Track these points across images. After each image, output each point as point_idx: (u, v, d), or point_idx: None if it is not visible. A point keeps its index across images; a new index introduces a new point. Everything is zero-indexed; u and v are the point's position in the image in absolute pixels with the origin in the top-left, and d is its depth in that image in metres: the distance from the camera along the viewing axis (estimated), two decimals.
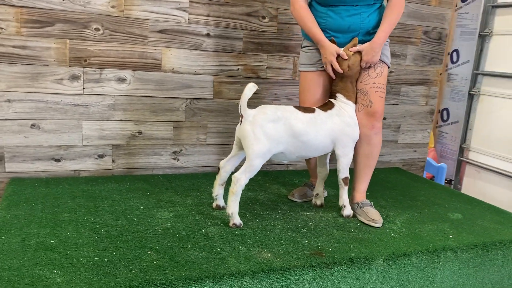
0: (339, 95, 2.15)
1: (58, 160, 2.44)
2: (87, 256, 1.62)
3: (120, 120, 2.52)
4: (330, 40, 2.13)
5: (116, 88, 2.47)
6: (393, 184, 2.86)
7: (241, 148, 2.09)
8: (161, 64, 2.54)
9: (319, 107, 2.12)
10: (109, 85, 2.46)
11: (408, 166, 3.35)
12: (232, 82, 2.70)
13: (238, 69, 2.70)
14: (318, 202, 2.32)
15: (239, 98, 2.58)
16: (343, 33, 2.14)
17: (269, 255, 1.74)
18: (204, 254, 1.71)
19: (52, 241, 1.71)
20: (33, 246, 1.66)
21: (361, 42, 2.14)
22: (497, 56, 3.58)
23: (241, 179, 1.94)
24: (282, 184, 2.63)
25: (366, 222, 2.13)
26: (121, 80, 2.48)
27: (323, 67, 2.19)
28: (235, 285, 1.56)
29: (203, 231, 1.92)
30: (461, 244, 2.00)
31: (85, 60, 2.39)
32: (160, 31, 2.49)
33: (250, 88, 1.94)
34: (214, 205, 2.18)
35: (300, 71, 2.28)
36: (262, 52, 2.73)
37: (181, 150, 2.69)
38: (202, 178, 2.61)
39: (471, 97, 3.75)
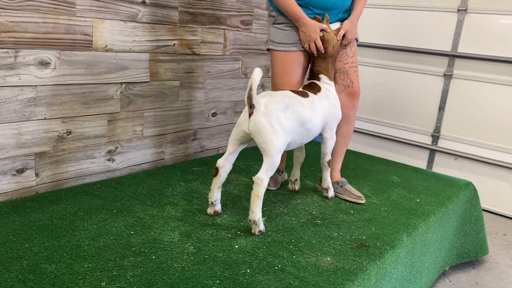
0: (322, 76, 2.05)
1: None
2: None
3: (44, 118, 1.84)
4: (313, 18, 1.99)
5: (37, 75, 1.78)
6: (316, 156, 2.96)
7: (242, 143, 1.81)
8: (92, 41, 1.93)
9: (309, 90, 1.99)
10: (28, 72, 1.75)
11: None
12: (168, 61, 2.26)
13: (174, 44, 2.27)
14: (297, 187, 2.22)
15: (176, 79, 2.22)
16: (327, 10, 2.01)
17: (328, 258, 1.61)
18: (269, 275, 1.45)
19: None
20: None
21: (340, 20, 2.07)
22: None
23: (265, 180, 1.70)
24: (245, 174, 2.40)
25: (353, 200, 2.16)
26: (44, 64, 1.79)
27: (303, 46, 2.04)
28: None
29: (236, 247, 1.62)
30: (430, 206, 2.24)
31: None
32: None
33: (258, 74, 1.68)
34: (211, 211, 1.85)
35: (276, 50, 2.06)
36: (197, 24, 2.35)
37: (117, 148, 2.16)
38: (145, 178, 2.16)
39: None
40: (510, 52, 3.15)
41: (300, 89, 2.00)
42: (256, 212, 1.70)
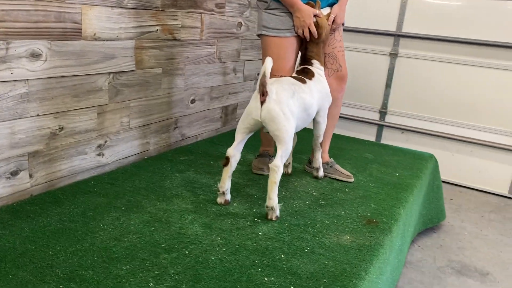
0: (314, 61, 2.09)
1: None
2: None
3: (37, 115, 1.69)
4: (307, 4, 2.01)
5: (29, 68, 1.62)
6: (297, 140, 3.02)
7: (251, 131, 1.81)
8: (81, 29, 1.79)
9: (304, 76, 2.02)
10: (20, 65, 1.59)
11: None
12: (152, 47, 2.17)
13: (157, 30, 2.18)
14: (289, 171, 2.27)
15: (158, 67, 2.16)
16: None
17: (348, 237, 1.69)
18: (303, 259, 1.50)
19: None
20: None
21: (330, 4, 2.11)
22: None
23: (281, 167, 1.72)
24: (240, 161, 2.38)
25: (343, 179, 2.26)
26: (35, 56, 1.63)
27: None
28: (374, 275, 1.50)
29: (260, 234, 1.64)
30: (410, 179, 2.41)
31: None
32: None
33: (270, 62, 1.69)
34: (221, 200, 1.84)
35: (270, 36, 2.06)
36: (177, 8, 2.26)
37: (106, 141, 2.05)
38: (137, 171, 2.08)
39: None
40: (450, 31, 3.41)
41: (295, 75, 2.03)
42: (274, 198, 1.73)
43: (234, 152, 1.80)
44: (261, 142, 2.34)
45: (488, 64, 3.36)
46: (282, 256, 1.50)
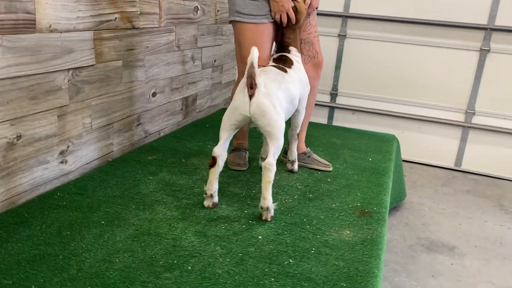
0: (292, 48, 1.98)
1: None
2: None
3: None
4: None
5: None
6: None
7: (237, 128, 1.69)
8: (35, 20, 1.54)
9: (283, 64, 1.91)
10: None
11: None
12: (111, 38, 1.94)
13: (116, 18, 1.95)
14: None
15: (118, 59, 1.96)
16: None
17: (347, 232, 1.63)
18: (311, 261, 1.42)
19: None
20: None
21: None
22: None
23: (274, 165, 1.61)
24: (195, 155, 2.23)
25: (322, 168, 2.20)
26: None
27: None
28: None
29: (260, 237, 1.53)
30: (383, 163, 2.42)
31: None
32: None
33: (257, 51, 1.56)
34: (209, 204, 1.71)
35: (246, 23, 1.91)
36: None
37: (68, 147, 1.81)
38: (104, 176, 1.88)
39: None
40: (396, 11, 3.45)
41: (275, 64, 1.91)
42: (268, 198, 1.63)
43: (221, 152, 1.67)
44: (234, 135, 2.20)
45: (433, 43, 3.45)
46: (291, 261, 1.41)
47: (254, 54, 1.55)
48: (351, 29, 3.65)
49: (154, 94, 2.35)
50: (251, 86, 1.58)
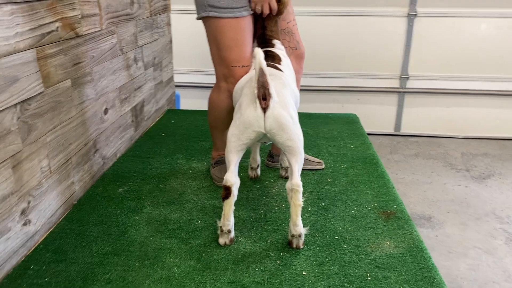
0: (276, 42, 1.73)
1: None
2: None
3: None
4: None
5: None
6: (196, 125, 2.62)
7: (248, 146, 1.41)
8: None
9: (272, 61, 1.65)
10: None
11: (172, 104, 3.01)
12: (56, 54, 1.51)
13: (57, 28, 1.52)
14: (259, 173, 1.91)
15: (66, 78, 1.58)
16: None
17: (387, 243, 1.47)
18: (367, 284, 1.25)
19: None
20: None
21: None
22: None
23: (301, 185, 1.37)
24: (169, 176, 1.90)
25: (316, 167, 2.01)
26: None
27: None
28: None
29: (305, 273, 1.30)
30: (368, 149, 2.29)
31: None
32: None
33: (262, 53, 1.30)
34: (226, 240, 1.43)
35: (223, 18, 1.59)
36: None
37: (29, 202, 1.39)
38: (78, 227, 1.50)
39: None
40: None
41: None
42: (300, 224, 1.40)
43: (234, 179, 1.39)
44: (214, 146, 1.91)
45: (362, 12, 3.40)
46: None
47: (261, 58, 1.28)
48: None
49: (106, 111, 1.95)
50: (264, 97, 1.32)
